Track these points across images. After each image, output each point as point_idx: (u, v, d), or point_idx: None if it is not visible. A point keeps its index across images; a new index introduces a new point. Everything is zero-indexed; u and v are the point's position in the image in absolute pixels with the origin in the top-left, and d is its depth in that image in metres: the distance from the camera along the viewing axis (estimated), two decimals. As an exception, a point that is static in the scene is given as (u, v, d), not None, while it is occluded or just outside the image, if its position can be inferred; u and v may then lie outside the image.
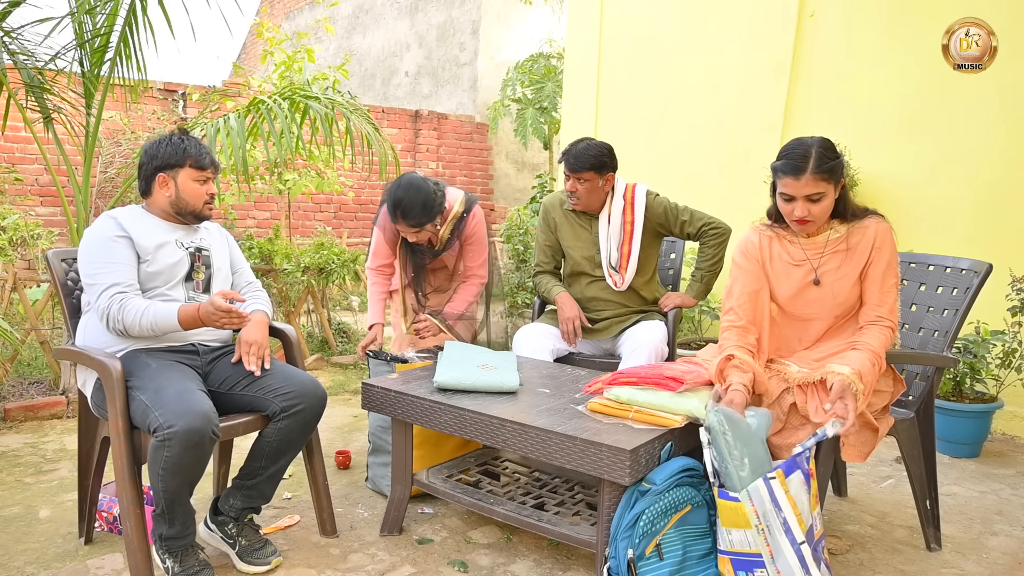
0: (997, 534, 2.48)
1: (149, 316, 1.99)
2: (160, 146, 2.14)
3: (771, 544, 1.79)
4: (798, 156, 1.99)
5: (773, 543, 1.79)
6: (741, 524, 1.81)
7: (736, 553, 1.83)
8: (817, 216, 2.03)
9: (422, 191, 2.59)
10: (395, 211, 2.61)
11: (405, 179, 2.65)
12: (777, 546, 1.79)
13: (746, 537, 1.81)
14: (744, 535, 1.81)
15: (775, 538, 1.79)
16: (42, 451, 3.05)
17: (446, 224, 2.78)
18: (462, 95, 9.39)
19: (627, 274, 2.85)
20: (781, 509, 1.79)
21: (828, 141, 2.03)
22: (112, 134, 6.40)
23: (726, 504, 1.82)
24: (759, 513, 1.79)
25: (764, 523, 1.79)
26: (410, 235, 2.70)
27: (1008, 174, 3.49)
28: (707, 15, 4.65)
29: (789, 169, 1.99)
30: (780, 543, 1.79)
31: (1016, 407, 3.44)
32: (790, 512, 1.79)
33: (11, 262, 4.26)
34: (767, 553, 1.79)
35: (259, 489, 2.14)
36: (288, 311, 4.66)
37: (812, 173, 1.96)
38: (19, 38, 3.39)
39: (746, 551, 1.81)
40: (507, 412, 2.02)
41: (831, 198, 2.02)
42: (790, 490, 1.79)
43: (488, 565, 2.18)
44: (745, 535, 1.81)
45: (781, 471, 1.80)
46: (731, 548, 1.84)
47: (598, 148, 2.77)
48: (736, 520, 1.81)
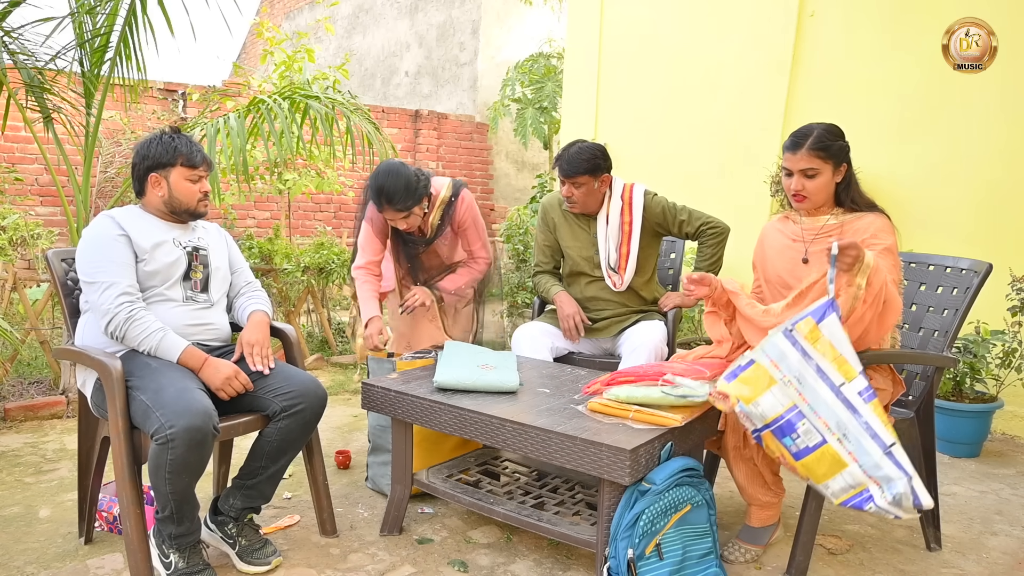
0: (997, 534, 2.48)
1: (152, 342, 1.99)
2: (151, 146, 2.14)
3: (805, 394, 1.73)
4: (800, 134, 2.13)
5: (809, 393, 1.73)
6: (764, 386, 1.75)
7: (771, 422, 1.76)
8: (811, 192, 2.11)
9: (402, 174, 2.58)
10: (379, 198, 2.59)
11: (383, 166, 2.63)
12: (815, 394, 1.72)
13: (775, 396, 1.75)
14: (771, 396, 1.75)
15: (811, 387, 1.73)
16: (42, 451, 3.05)
17: (434, 210, 2.78)
18: (462, 95, 9.39)
19: (626, 274, 2.84)
20: (811, 357, 1.73)
21: (835, 126, 2.14)
22: (112, 134, 6.40)
23: (744, 376, 1.77)
24: (781, 367, 1.74)
25: (790, 375, 1.74)
26: (399, 222, 2.67)
27: (1008, 174, 3.49)
28: (707, 15, 4.65)
29: (790, 144, 2.14)
30: (818, 390, 1.72)
31: (1016, 407, 3.44)
32: (822, 358, 1.72)
33: (11, 262, 4.26)
34: (802, 402, 1.73)
35: (259, 489, 2.14)
36: (288, 311, 4.66)
37: (808, 149, 2.09)
38: (19, 38, 3.39)
39: (778, 413, 1.75)
40: (507, 412, 2.02)
41: (826, 177, 2.11)
42: (824, 335, 1.72)
43: (488, 565, 2.18)
44: (772, 395, 1.75)
45: (810, 318, 1.74)
46: (765, 420, 1.77)
47: (590, 151, 2.76)
48: (758, 385, 1.75)
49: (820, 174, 2.11)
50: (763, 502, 2.20)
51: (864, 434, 1.69)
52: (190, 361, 2.01)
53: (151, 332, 1.99)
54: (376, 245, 2.83)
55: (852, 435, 1.70)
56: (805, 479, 1.81)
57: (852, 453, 1.70)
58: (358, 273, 2.85)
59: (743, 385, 1.79)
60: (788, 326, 1.76)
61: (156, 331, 2.00)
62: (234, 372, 2.03)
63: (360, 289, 2.83)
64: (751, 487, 2.19)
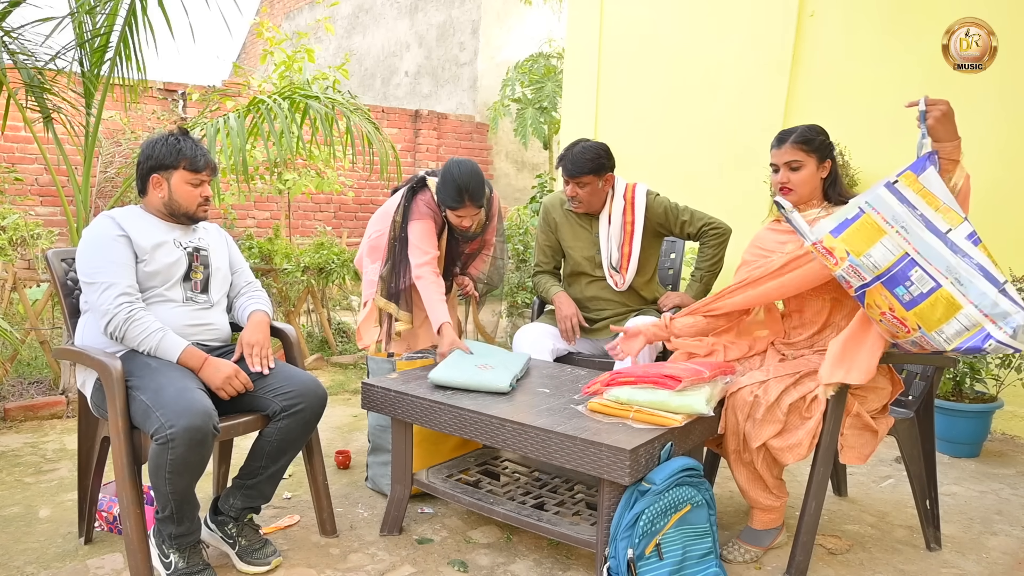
0: (997, 534, 2.48)
1: (152, 342, 1.99)
2: (156, 146, 2.14)
3: (914, 243, 1.76)
4: (785, 131, 2.25)
5: (917, 241, 1.76)
6: (875, 237, 1.79)
7: (884, 272, 1.79)
8: (796, 184, 2.20)
9: (481, 172, 2.63)
10: (461, 195, 2.57)
11: (463, 164, 2.60)
12: (923, 242, 1.76)
13: (885, 247, 1.79)
14: (882, 247, 1.79)
15: (918, 236, 1.76)
16: (42, 451, 3.05)
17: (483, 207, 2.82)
18: (462, 95, 9.39)
19: (627, 274, 2.85)
20: (915, 207, 1.76)
21: (818, 126, 2.24)
22: (112, 134, 6.40)
23: (852, 229, 1.80)
24: (888, 218, 1.77)
25: (898, 225, 1.77)
26: (467, 219, 2.67)
27: (1008, 174, 3.49)
28: (707, 15, 4.65)
29: (775, 141, 2.25)
30: (925, 239, 1.76)
31: (1016, 407, 3.44)
32: (927, 207, 1.75)
33: (11, 262, 4.26)
34: (912, 251, 1.76)
35: (259, 489, 2.14)
36: (288, 311, 4.66)
37: (792, 143, 2.20)
38: (19, 38, 3.39)
39: (891, 263, 1.78)
40: (507, 412, 2.02)
41: (810, 170, 2.20)
42: (926, 187, 1.76)
43: (488, 565, 2.18)
44: (883, 245, 1.79)
45: (910, 171, 1.77)
46: (877, 271, 1.80)
47: (594, 150, 2.76)
48: (869, 236, 1.79)
49: (804, 166, 2.21)
50: (765, 505, 2.20)
51: (977, 275, 1.73)
52: (190, 361, 2.01)
53: (151, 332, 1.99)
54: (435, 241, 2.74)
55: (964, 278, 1.74)
56: (915, 330, 1.81)
57: (966, 295, 1.74)
58: (427, 270, 2.66)
59: (853, 237, 1.81)
60: (892, 178, 1.78)
61: (156, 331, 2.00)
62: (234, 371, 2.04)
63: (429, 289, 2.64)
64: (752, 491, 2.19)
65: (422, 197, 2.74)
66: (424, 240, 2.69)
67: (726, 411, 2.14)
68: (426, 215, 2.70)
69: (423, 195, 2.74)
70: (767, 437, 2.05)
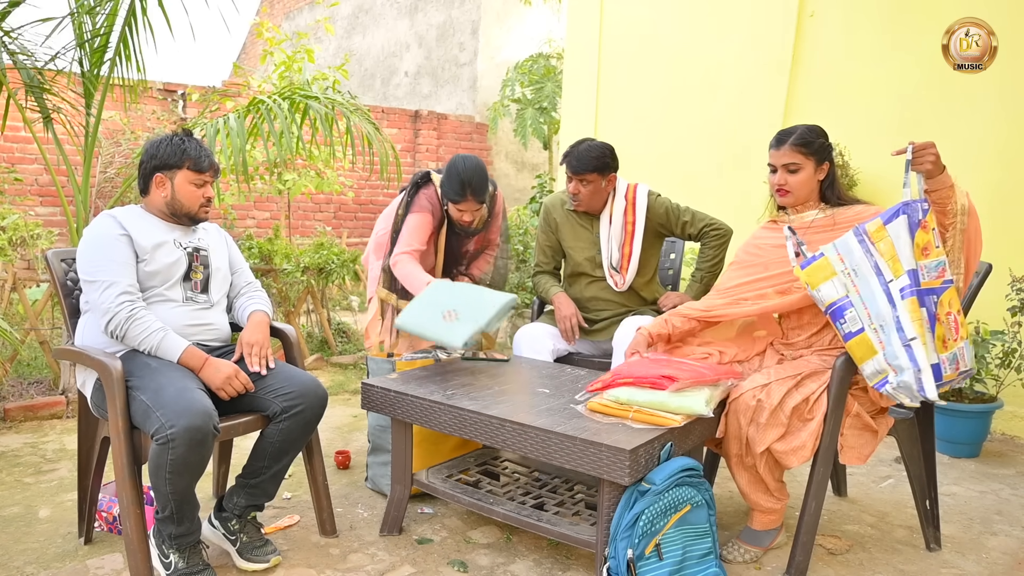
0: (997, 534, 2.48)
1: (152, 342, 2.00)
2: (160, 145, 2.14)
3: (858, 285, 1.96)
4: (784, 132, 2.24)
5: (862, 284, 1.95)
6: (827, 276, 2.01)
7: (828, 306, 2.03)
8: (794, 187, 2.21)
9: (483, 167, 2.65)
10: (464, 189, 2.59)
11: (468, 159, 2.64)
12: (868, 288, 1.94)
13: (833, 285, 2.00)
14: (830, 285, 2.01)
15: (866, 281, 1.95)
16: (42, 451, 3.05)
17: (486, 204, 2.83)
18: (462, 95, 9.39)
19: (628, 275, 2.85)
20: (872, 255, 1.94)
21: (818, 127, 2.23)
22: (112, 134, 6.40)
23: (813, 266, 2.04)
24: (846, 261, 1.97)
25: (850, 268, 1.97)
26: (468, 214, 2.69)
27: (1008, 174, 3.49)
28: (707, 15, 4.65)
29: (774, 142, 2.25)
30: (871, 285, 1.94)
31: (1016, 407, 3.44)
32: (880, 257, 1.92)
33: (11, 262, 4.26)
34: (854, 292, 1.96)
35: (263, 487, 2.15)
36: (288, 311, 4.66)
37: (791, 144, 2.20)
38: (19, 38, 3.39)
39: (833, 299, 2.01)
40: (507, 412, 2.02)
41: (808, 172, 2.20)
42: (889, 235, 1.91)
43: (488, 565, 2.18)
44: (832, 284, 2.00)
45: (879, 219, 1.94)
46: (823, 304, 2.04)
47: (600, 149, 2.77)
48: (823, 274, 2.02)
49: (802, 169, 2.21)
50: (766, 508, 2.20)
51: (893, 327, 1.91)
52: (190, 361, 2.01)
53: (151, 332, 1.99)
54: (427, 235, 2.72)
55: (887, 327, 1.92)
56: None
57: (883, 342, 1.93)
58: (403, 258, 2.65)
59: (812, 273, 2.05)
60: (860, 227, 1.96)
61: (156, 331, 2.00)
62: (234, 372, 2.04)
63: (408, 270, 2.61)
64: (753, 493, 2.18)
65: (425, 192, 2.75)
66: (414, 233, 2.68)
67: (728, 415, 2.13)
68: (425, 208, 2.71)
69: (426, 190, 2.76)
70: (771, 441, 2.04)
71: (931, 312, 1.89)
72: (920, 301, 1.88)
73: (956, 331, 1.92)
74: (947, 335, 1.91)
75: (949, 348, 1.91)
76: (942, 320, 1.90)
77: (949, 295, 1.92)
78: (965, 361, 1.95)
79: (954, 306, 1.93)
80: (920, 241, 1.90)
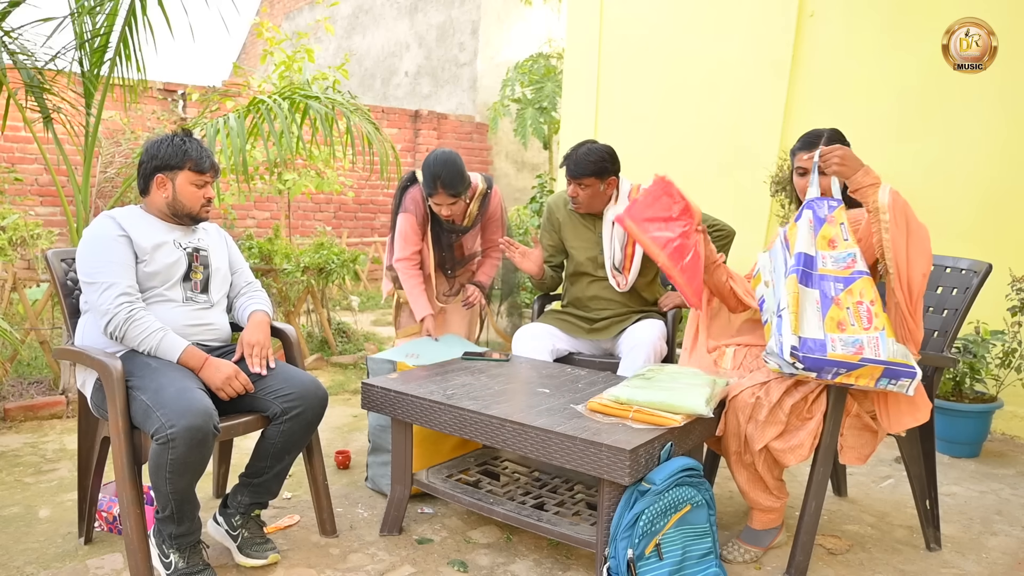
0: (997, 534, 2.48)
1: (152, 342, 2.00)
2: (161, 146, 2.14)
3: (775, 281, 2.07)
4: (812, 135, 2.25)
5: (777, 278, 2.06)
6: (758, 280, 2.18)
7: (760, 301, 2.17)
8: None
9: (455, 161, 2.71)
10: (435, 183, 2.68)
11: (436, 155, 2.73)
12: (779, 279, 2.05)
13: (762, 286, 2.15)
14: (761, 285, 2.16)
15: (779, 273, 2.06)
16: (42, 451, 3.05)
17: (473, 201, 2.89)
18: (462, 95, 9.39)
19: (630, 275, 2.84)
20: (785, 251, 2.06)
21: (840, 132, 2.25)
22: (112, 134, 6.40)
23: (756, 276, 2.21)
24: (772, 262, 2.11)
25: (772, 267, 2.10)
26: (445, 208, 2.76)
27: (1008, 174, 3.49)
28: (707, 15, 4.65)
29: (803, 144, 2.26)
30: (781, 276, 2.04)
31: (1016, 407, 3.44)
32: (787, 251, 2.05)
33: (11, 262, 4.26)
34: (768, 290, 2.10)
35: (266, 486, 2.16)
36: (288, 311, 4.66)
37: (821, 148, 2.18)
38: (19, 38, 3.39)
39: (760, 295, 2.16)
40: (507, 412, 2.02)
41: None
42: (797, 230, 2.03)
43: (488, 565, 2.18)
44: (761, 285, 2.16)
45: (793, 221, 2.07)
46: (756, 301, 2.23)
47: (599, 153, 2.76)
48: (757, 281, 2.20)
49: None
50: (765, 506, 2.20)
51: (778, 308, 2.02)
52: (190, 361, 2.01)
53: (151, 332, 1.99)
54: (416, 235, 2.88)
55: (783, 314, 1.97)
56: None
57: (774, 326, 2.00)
58: (402, 265, 2.89)
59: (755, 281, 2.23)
60: (782, 230, 2.10)
61: (156, 331, 2.00)
62: (234, 372, 2.03)
63: (408, 283, 2.90)
64: (753, 492, 2.19)
65: (410, 192, 2.88)
66: (404, 235, 2.87)
67: (727, 413, 2.13)
68: (407, 209, 2.86)
69: (412, 190, 2.88)
70: (769, 439, 2.05)
71: (826, 294, 1.94)
72: (805, 281, 1.95)
73: (869, 320, 1.91)
74: (846, 319, 1.91)
75: (848, 332, 1.91)
76: (845, 305, 1.92)
77: (861, 285, 1.94)
78: (880, 353, 1.88)
79: (867, 296, 1.93)
80: (827, 233, 1.99)
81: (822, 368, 1.89)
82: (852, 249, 1.99)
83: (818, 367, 1.89)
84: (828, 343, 1.90)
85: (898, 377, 1.90)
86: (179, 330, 2.08)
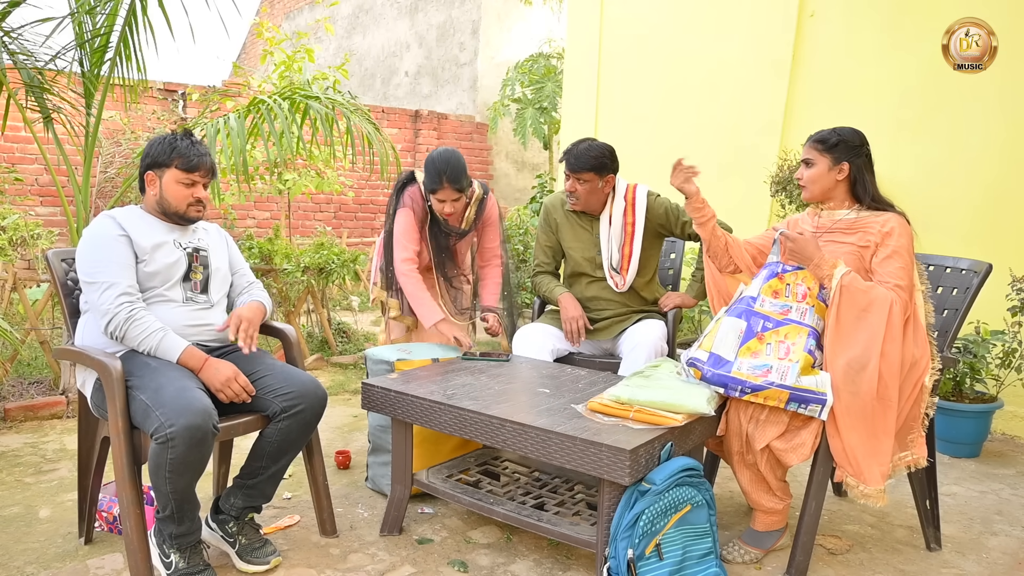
0: (997, 534, 2.48)
1: (152, 342, 1.99)
2: (154, 144, 2.15)
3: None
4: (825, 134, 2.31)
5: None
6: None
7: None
8: (807, 181, 2.29)
9: (460, 158, 2.71)
10: (440, 177, 2.65)
11: (442, 151, 2.72)
12: None
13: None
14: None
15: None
16: (42, 451, 3.05)
17: (471, 205, 2.86)
18: (462, 95, 9.39)
19: (628, 275, 2.84)
20: None
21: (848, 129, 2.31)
22: (112, 134, 6.40)
23: None
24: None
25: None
26: (448, 205, 2.72)
27: (1008, 174, 3.49)
28: (707, 15, 4.65)
29: (814, 140, 2.33)
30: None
31: (1016, 407, 3.44)
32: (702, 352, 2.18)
33: (11, 262, 4.26)
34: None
35: (260, 488, 2.14)
36: (288, 311, 4.66)
37: (810, 141, 2.30)
38: (19, 38, 3.38)
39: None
40: (507, 412, 2.02)
41: (820, 169, 2.26)
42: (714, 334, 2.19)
43: (488, 565, 2.18)
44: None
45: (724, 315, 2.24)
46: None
47: (599, 149, 2.77)
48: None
49: (814, 165, 2.27)
50: (768, 508, 2.20)
51: None
52: (190, 361, 2.01)
53: (151, 332, 1.99)
54: (415, 233, 2.82)
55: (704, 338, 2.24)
56: None
57: None
58: (407, 267, 2.76)
59: None
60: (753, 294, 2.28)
61: (156, 331, 2.00)
62: (234, 373, 2.03)
63: (411, 288, 2.76)
64: (755, 493, 2.19)
65: (409, 190, 2.83)
66: (405, 233, 2.80)
67: (728, 413, 2.14)
68: (406, 205, 2.81)
69: (411, 188, 2.84)
70: (771, 438, 2.05)
71: (752, 329, 2.13)
72: (737, 315, 2.18)
73: (786, 354, 2.07)
74: (762, 351, 2.09)
75: (759, 359, 2.08)
76: (767, 341, 2.11)
77: (790, 330, 2.11)
78: (787, 379, 2.00)
79: (791, 338, 2.09)
80: (774, 285, 2.22)
81: (727, 384, 2.04)
82: (790, 303, 2.18)
83: (723, 383, 2.04)
84: (735, 363, 2.08)
85: (807, 403, 2.00)
86: (179, 330, 2.08)
